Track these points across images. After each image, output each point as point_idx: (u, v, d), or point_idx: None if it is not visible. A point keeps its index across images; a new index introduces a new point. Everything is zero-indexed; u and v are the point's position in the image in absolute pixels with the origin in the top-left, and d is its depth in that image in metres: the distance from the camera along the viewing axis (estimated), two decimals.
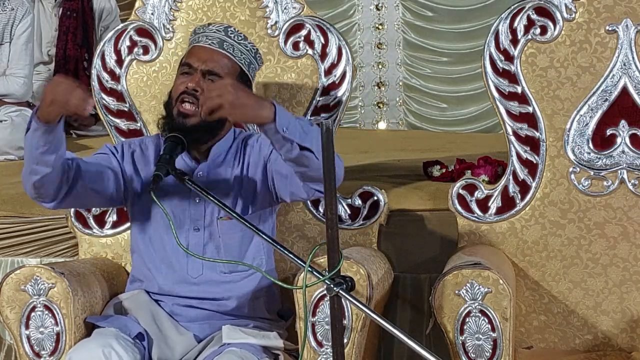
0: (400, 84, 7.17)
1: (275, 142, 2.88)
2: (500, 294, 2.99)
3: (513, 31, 3.40)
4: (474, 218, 3.43)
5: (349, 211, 3.52)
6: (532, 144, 3.41)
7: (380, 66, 7.19)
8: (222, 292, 3.19)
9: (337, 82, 3.53)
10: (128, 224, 3.54)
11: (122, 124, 3.61)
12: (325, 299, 3.00)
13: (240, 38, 3.19)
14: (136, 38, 3.59)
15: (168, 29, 3.59)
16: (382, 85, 7.19)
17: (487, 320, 3.00)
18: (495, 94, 3.41)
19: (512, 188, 3.42)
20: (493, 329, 2.99)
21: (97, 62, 3.61)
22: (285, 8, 3.56)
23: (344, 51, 3.53)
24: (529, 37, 3.40)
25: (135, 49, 3.60)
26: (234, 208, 3.15)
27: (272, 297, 3.28)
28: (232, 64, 3.17)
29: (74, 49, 5.66)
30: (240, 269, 3.19)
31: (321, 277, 2.68)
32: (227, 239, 3.18)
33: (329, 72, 3.53)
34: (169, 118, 3.15)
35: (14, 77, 4.96)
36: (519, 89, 3.41)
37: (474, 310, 3.00)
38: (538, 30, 3.39)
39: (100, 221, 3.56)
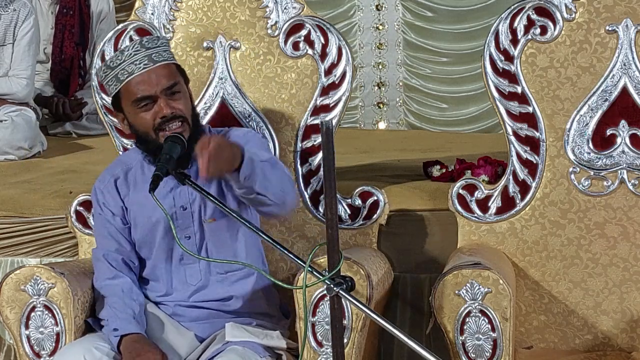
0: (400, 84, 7.17)
1: (235, 185, 2.98)
2: (500, 294, 2.99)
3: (513, 31, 3.39)
4: (474, 218, 3.43)
5: (349, 211, 3.52)
6: (532, 144, 3.41)
7: (380, 66, 7.19)
8: (223, 293, 3.20)
9: (337, 82, 3.53)
10: None
11: None
12: (325, 299, 3.00)
13: (155, 41, 3.13)
14: (136, 38, 3.59)
15: (168, 29, 3.59)
16: (382, 85, 7.19)
17: (487, 320, 3.00)
18: (495, 94, 3.41)
19: (512, 188, 3.42)
20: (493, 329, 2.99)
21: (96, 62, 3.61)
22: (285, 8, 3.56)
23: (344, 51, 3.52)
24: (529, 37, 3.40)
25: None
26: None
27: (270, 291, 3.28)
28: (171, 68, 3.14)
29: (70, 47, 5.65)
30: (235, 267, 3.19)
31: (321, 277, 2.69)
32: (215, 240, 3.19)
33: (329, 72, 3.53)
34: (156, 149, 3.09)
35: (16, 78, 4.97)
36: (519, 89, 3.41)
37: (474, 310, 3.00)
38: (538, 30, 3.39)
39: None
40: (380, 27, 7.17)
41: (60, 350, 3.09)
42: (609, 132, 3.37)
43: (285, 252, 2.82)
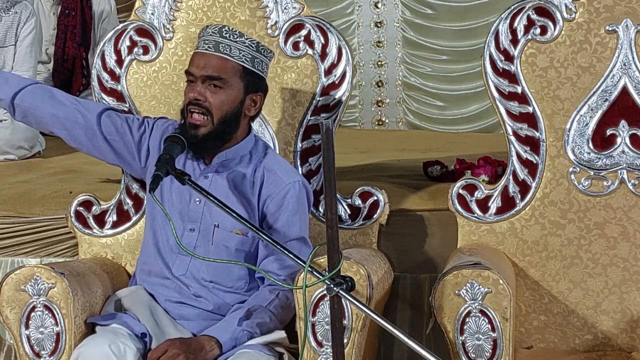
0: (400, 82, 7.16)
1: None
2: (500, 294, 2.99)
3: (513, 31, 3.40)
4: (474, 218, 3.43)
5: (349, 211, 3.52)
6: (532, 144, 3.41)
7: (379, 64, 7.18)
8: (208, 295, 3.21)
9: (337, 82, 3.53)
10: (128, 224, 3.56)
11: None
12: (325, 299, 3.00)
13: (236, 36, 3.17)
14: (136, 38, 3.59)
15: (168, 29, 3.59)
16: (382, 83, 7.18)
17: (487, 320, 3.00)
18: (495, 94, 3.41)
19: (512, 188, 3.42)
20: (493, 329, 2.99)
21: (97, 62, 3.61)
22: (285, 8, 3.56)
23: (344, 51, 3.53)
24: (529, 37, 3.40)
25: (135, 49, 3.60)
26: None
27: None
28: (232, 65, 3.15)
29: (72, 47, 5.67)
30: (222, 283, 3.20)
31: (321, 277, 2.69)
32: (218, 249, 3.19)
33: (329, 72, 3.53)
34: (184, 127, 3.17)
35: None
36: (519, 89, 3.41)
37: (474, 310, 3.00)
38: (538, 30, 3.39)
39: (100, 221, 3.56)
40: (379, 25, 7.16)
41: (84, 342, 3.07)
42: (609, 132, 3.37)
43: (285, 252, 2.82)
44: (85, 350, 3.02)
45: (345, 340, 2.93)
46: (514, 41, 3.40)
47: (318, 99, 3.53)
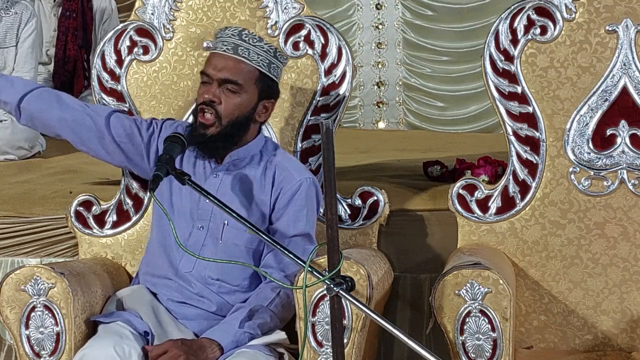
0: (400, 83, 7.17)
1: None
2: (500, 294, 2.99)
3: (513, 31, 3.40)
4: (474, 218, 3.43)
5: (349, 211, 3.52)
6: (532, 144, 3.41)
7: (379, 65, 7.19)
8: (211, 296, 3.21)
9: (337, 82, 3.53)
10: (128, 224, 3.56)
11: None
12: (325, 299, 3.00)
13: (255, 40, 3.17)
14: (136, 38, 3.59)
15: (168, 29, 3.59)
16: (382, 84, 7.18)
17: (487, 320, 2.99)
18: (495, 94, 3.41)
19: (512, 188, 3.42)
20: (493, 329, 2.99)
21: (97, 62, 3.61)
22: (285, 8, 3.56)
23: (344, 51, 3.53)
24: (529, 37, 3.40)
25: (135, 49, 3.60)
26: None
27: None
28: (249, 69, 3.15)
29: (73, 49, 5.67)
30: (228, 280, 3.20)
31: (321, 277, 2.69)
32: (227, 246, 3.19)
33: (329, 72, 3.53)
34: (193, 126, 3.18)
35: None
36: (519, 89, 3.41)
37: (474, 310, 3.00)
38: (538, 30, 3.40)
39: (100, 221, 3.56)
40: (380, 26, 7.17)
41: (88, 344, 3.06)
42: (609, 132, 3.37)
43: (285, 252, 2.82)
44: (89, 352, 3.01)
45: (345, 340, 2.93)
46: (514, 41, 3.40)
47: (318, 99, 3.53)
